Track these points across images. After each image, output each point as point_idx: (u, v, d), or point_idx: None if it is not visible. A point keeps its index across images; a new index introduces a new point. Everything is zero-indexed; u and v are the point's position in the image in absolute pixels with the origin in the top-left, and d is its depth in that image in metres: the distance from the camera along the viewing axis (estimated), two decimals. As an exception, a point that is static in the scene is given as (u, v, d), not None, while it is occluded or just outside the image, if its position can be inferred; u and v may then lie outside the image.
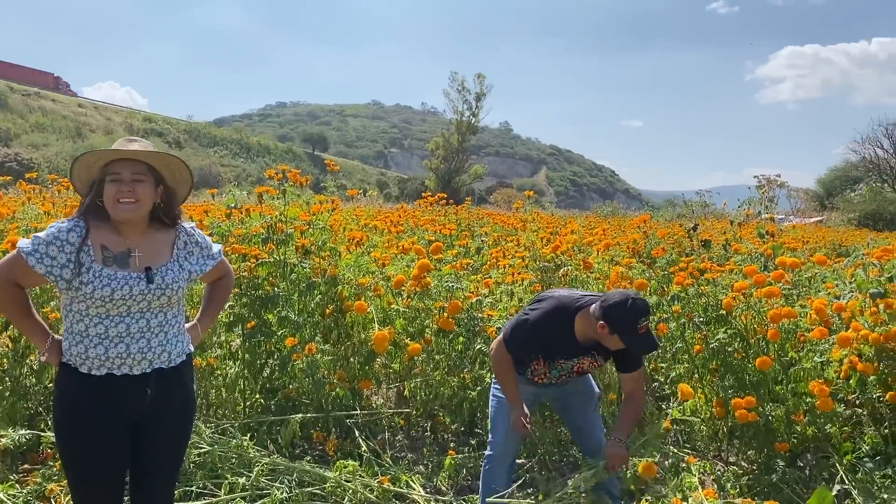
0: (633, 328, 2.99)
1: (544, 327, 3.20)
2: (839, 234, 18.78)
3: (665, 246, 5.26)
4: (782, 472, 4.06)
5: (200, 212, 5.45)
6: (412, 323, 4.54)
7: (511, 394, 3.32)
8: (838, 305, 4.54)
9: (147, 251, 2.26)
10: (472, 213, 10.97)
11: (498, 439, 3.42)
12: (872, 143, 46.95)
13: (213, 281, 2.64)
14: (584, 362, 3.35)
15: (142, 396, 2.25)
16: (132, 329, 2.20)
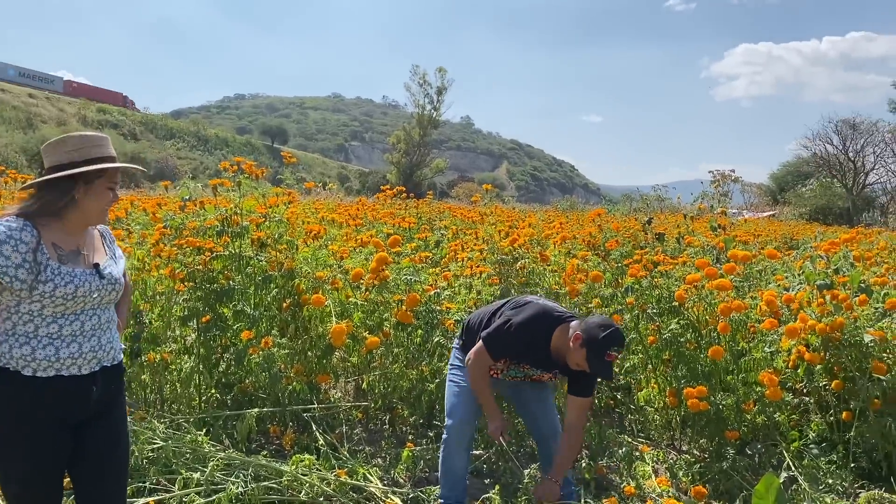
0: (602, 351, 3.04)
1: (526, 331, 3.23)
2: (790, 227, 19.25)
3: (619, 239, 5.34)
4: (732, 460, 4.16)
5: (153, 204, 5.35)
6: (370, 316, 4.53)
7: (489, 404, 3.37)
8: (787, 297, 4.66)
9: (90, 249, 2.28)
10: (433, 207, 10.98)
11: (453, 424, 3.46)
12: (823, 140, 48.14)
13: None
14: (545, 376, 3.42)
15: (88, 396, 2.22)
16: (86, 327, 2.19)
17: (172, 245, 4.27)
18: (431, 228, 6.73)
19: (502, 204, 17.64)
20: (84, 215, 2.22)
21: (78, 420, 2.24)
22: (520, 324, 3.24)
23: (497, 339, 3.28)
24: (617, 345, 3.07)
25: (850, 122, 47.16)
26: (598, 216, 5.87)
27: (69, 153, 2.18)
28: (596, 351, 3.06)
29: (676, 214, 12.05)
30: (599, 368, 3.10)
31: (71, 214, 2.20)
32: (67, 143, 2.20)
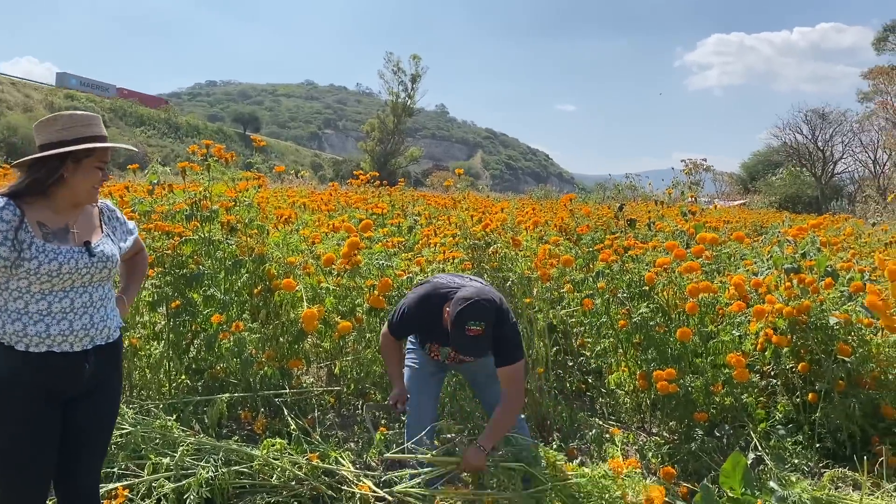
0: (462, 323, 3.00)
1: (416, 312, 3.28)
2: (760, 216, 19.51)
3: (590, 223, 5.38)
4: (701, 441, 4.22)
5: (121, 188, 5.28)
6: (343, 301, 4.52)
7: (391, 372, 3.49)
8: (756, 281, 4.73)
9: (82, 227, 2.29)
10: (407, 194, 10.96)
11: (413, 408, 3.49)
12: (793, 129, 48.80)
13: (130, 257, 2.64)
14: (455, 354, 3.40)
15: (80, 373, 2.24)
16: (76, 304, 2.21)
17: (140, 229, 4.21)
18: (404, 214, 6.72)
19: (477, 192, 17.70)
20: (72, 193, 2.23)
21: (69, 396, 2.26)
22: (410, 304, 3.31)
23: (396, 318, 3.36)
24: (475, 319, 2.99)
25: (819, 112, 47.87)
26: (570, 201, 5.91)
27: (59, 132, 2.20)
28: (456, 322, 3.02)
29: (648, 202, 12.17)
30: (460, 344, 3.07)
31: (59, 193, 2.22)
32: (58, 122, 2.22)
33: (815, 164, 47.69)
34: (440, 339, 3.38)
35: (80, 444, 2.34)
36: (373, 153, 56.24)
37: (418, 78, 54.90)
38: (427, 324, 3.30)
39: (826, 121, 47.76)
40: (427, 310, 3.26)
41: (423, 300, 3.29)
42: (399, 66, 54.49)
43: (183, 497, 3.12)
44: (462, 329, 3.02)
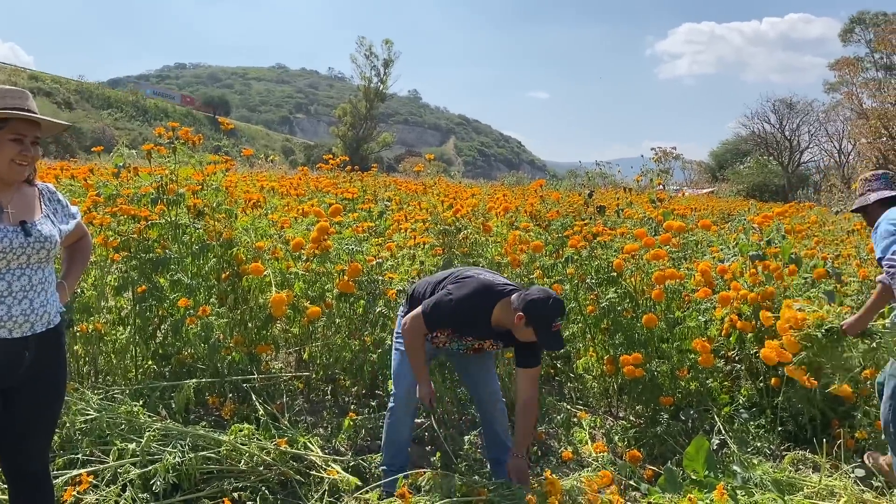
0: (548, 324, 3.09)
1: (467, 306, 3.23)
2: (728, 203, 19.78)
3: (560, 210, 5.41)
4: (666, 425, 4.29)
5: (85, 171, 5.18)
6: (312, 286, 4.50)
7: (419, 369, 3.35)
8: (721, 268, 4.80)
9: (18, 207, 2.21)
10: (378, 180, 10.91)
11: (401, 392, 3.47)
12: (761, 119, 49.46)
13: (73, 242, 2.56)
14: (486, 343, 3.44)
15: (20, 361, 2.17)
16: (14, 287, 2.13)
17: (105, 213, 4.15)
18: (375, 200, 6.69)
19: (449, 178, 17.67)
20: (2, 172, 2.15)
21: (7, 385, 2.19)
22: (460, 299, 3.24)
23: (436, 312, 3.27)
24: (559, 315, 3.12)
25: (786, 102, 48.57)
26: (541, 187, 5.94)
27: None
28: (543, 326, 3.10)
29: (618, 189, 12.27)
30: (550, 342, 3.17)
31: None
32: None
33: (782, 154, 48.41)
34: (477, 334, 3.38)
35: (23, 433, 2.29)
36: (345, 138, 55.84)
37: (391, 63, 54.60)
38: (471, 319, 3.28)
39: (793, 111, 48.50)
40: (480, 302, 3.24)
41: (476, 294, 3.25)
42: (371, 50, 54.12)
43: (149, 483, 3.09)
44: (549, 327, 3.11)
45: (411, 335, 3.34)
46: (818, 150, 49.09)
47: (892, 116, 32.30)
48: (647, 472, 3.82)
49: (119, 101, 75.76)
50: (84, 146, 38.82)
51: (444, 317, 3.28)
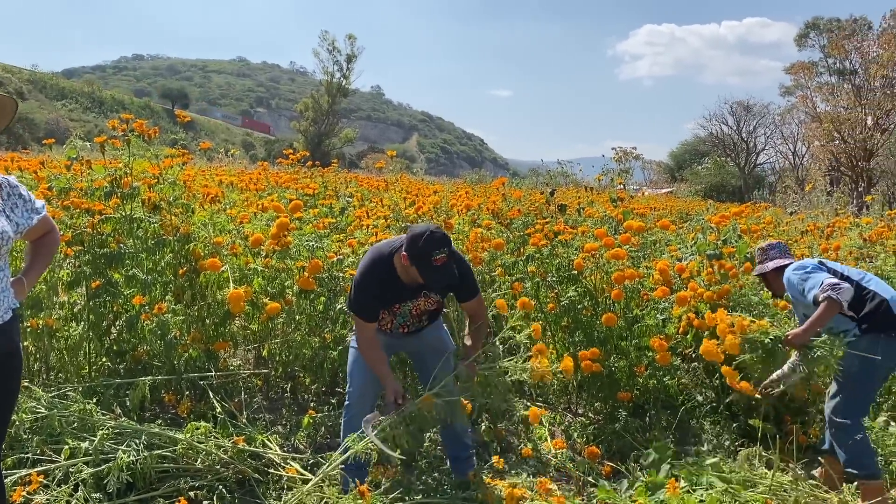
0: (428, 258, 3.05)
1: (370, 276, 3.24)
2: (686, 203, 20.11)
3: (521, 208, 5.44)
4: (625, 422, 4.35)
5: (36, 164, 5.04)
6: (271, 283, 4.45)
7: (382, 372, 3.31)
8: (679, 267, 4.87)
9: None
10: (340, 176, 10.84)
11: (355, 390, 3.45)
12: (718, 120, 50.30)
13: (37, 238, 2.50)
14: (420, 302, 3.40)
15: None
16: None
17: (58, 207, 4.04)
18: (337, 196, 6.65)
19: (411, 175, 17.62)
20: None
21: None
22: (362, 273, 3.27)
23: (354, 298, 3.30)
24: (438, 247, 3.05)
25: (743, 104, 49.48)
26: (503, 185, 5.96)
27: None
28: (422, 262, 3.07)
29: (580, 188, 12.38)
30: (434, 277, 3.11)
31: None
32: None
33: (739, 155, 49.36)
34: (400, 297, 3.34)
35: None
36: (306, 133, 55.28)
37: (354, 58, 54.18)
38: (384, 283, 3.25)
39: (750, 113, 49.44)
40: (379, 267, 3.24)
41: (371, 262, 3.27)
42: (334, 45, 53.64)
43: (102, 482, 3.03)
44: (429, 261, 3.05)
45: (359, 338, 3.35)
46: (774, 151, 50.19)
47: (843, 120, 33.15)
48: (606, 469, 3.87)
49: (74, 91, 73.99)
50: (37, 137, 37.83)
51: (360, 297, 3.27)
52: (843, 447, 3.61)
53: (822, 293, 3.47)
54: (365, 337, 3.31)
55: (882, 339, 3.56)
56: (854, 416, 3.63)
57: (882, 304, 3.60)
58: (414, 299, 3.37)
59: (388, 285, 3.26)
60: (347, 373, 3.55)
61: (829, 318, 3.50)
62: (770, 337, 3.53)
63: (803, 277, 3.70)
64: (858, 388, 3.63)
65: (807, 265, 3.80)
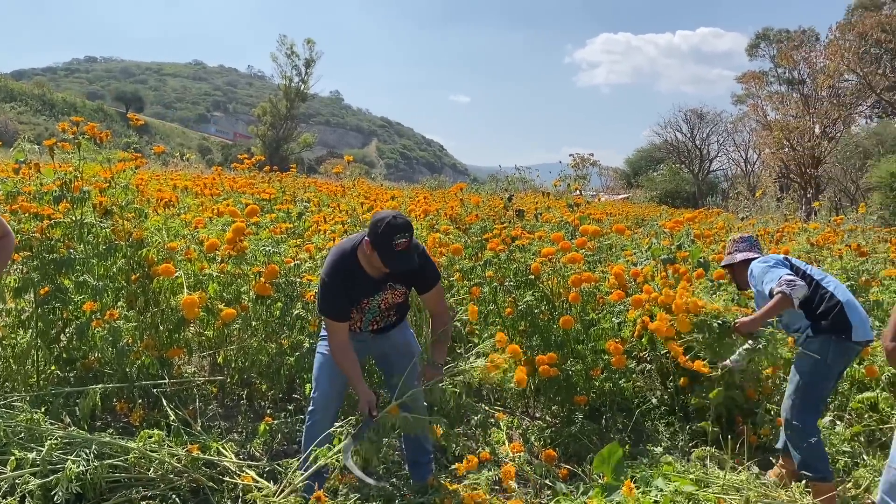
0: (389, 243, 3.07)
1: (336, 277, 3.24)
2: (642, 209, 20.44)
3: (479, 213, 5.47)
4: (581, 424, 4.39)
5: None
6: (227, 289, 4.39)
7: (355, 380, 3.30)
8: (634, 271, 4.95)
9: None
10: (298, 181, 10.75)
11: (320, 396, 3.44)
12: (673, 128, 51.36)
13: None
14: (388, 295, 3.41)
15: None
16: None
17: (5, 211, 3.93)
18: (294, 201, 6.60)
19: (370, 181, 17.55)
20: None
21: None
22: (327, 272, 3.27)
23: (325, 302, 3.28)
24: (399, 232, 3.07)
25: (697, 112, 50.59)
26: (461, 190, 5.99)
27: None
28: (382, 246, 3.09)
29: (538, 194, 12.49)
30: (395, 263, 3.13)
31: None
32: None
33: (693, 162, 50.38)
34: (367, 291, 3.34)
35: None
36: (264, 138, 54.67)
37: (312, 63, 53.81)
38: (349, 279, 3.25)
39: (703, 121, 50.54)
40: (343, 263, 3.25)
41: (335, 259, 3.27)
42: (293, 49, 53.19)
43: (50, 493, 2.95)
44: (390, 246, 3.06)
45: (332, 343, 3.34)
46: (726, 159, 51.39)
47: (793, 128, 34.01)
48: (563, 472, 3.90)
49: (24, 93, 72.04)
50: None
51: (328, 297, 3.27)
52: (798, 449, 3.70)
53: (777, 287, 3.60)
54: (337, 341, 3.30)
55: (833, 342, 3.67)
56: (808, 418, 3.73)
57: (837, 305, 3.71)
58: (381, 292, 3.38)
59: (354, 280, 3.27)
60: (313, 377, 3.52)
61: (778, 312, 3.61)
62: (719, 321, 3.63)
63: (764, 270, 3.83)
64: (810, 389, 3.73)
65: (771, 259, 3.93)
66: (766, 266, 3.85)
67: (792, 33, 39.80)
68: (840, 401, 4.68)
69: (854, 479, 3.96)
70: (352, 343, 3.42)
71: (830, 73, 29.21)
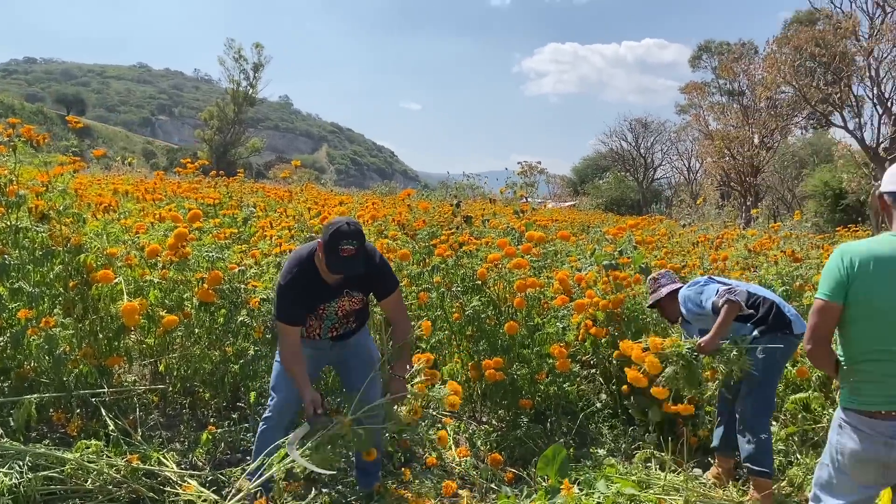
0: (335, 249, 3.11)
1: (291, 282, 3.27)
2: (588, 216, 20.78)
3: (426, 219, 5.50)
4: (527, 428, 4.45)
5: None
6: (169, 295, 4.31)
7: (299, 380, 3.29)
8: (578, 276, 5.04)
9: None
10: (245, 186, 10.62)
11: (278, 401, 3.44)
12: (619, 137, 52.31)
13: None
14: (344, 301, 3.43)
15: None
16: None
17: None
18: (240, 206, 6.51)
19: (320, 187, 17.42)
20: None
21: None
22: (282, 276, 3.32)
23: (280, 307, 3.31)
24: (346, 237, 3.12)
25: (642, 122, 51.66)
26: (409, 196, 6.00)
27: None
28: (330, 253, 3.14)
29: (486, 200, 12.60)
30: (339, 267, 3.17)
31: None
32: None
33: (638, 170, 51.39)
34: (323, 296, 3.35)
35: None
36: (211, 142, 53.72)
37: (261, 67, 53.12)
38: (306, 284, 3.28)
39: (648, 130, 51.62)
40: (300, 269, 3.28)
41: (291, 265, 3.31)
42: (241, 53, 52.42)
43: (-19, 508, 2.85)
44: (337, 251, 3.10)
45: (281, 345, 3.36)
46: (670, 167, 52.55)
47: (733, 138, 34.98)
48: (508, 475, 3.94)
49: (-44, 95, 69.29)
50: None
51: (282, 301, 3.30)
52: (750, 444, 3.84)
53: (720, 298, 3.73)
54: (288, 344, 3.31)
55: (779, 338, 3.84)
56: (764, 415, 3.91)
57: (772, 306, 3.92)
58: (337, 298, 3.39)
59: (310, 286, 3.29)
60: (272, 384, 3.53)
61: (731, 321, 3.75)
62: (686, 347, 3.72)
63: (698, 291, 3.98)
64: (765, 387, 3.89)
65: (699, 280, 4.11)
66: (697, 287, 4.02)
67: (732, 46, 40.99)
68: (776, 402, 4.83)
69: (788, 478, 4.09)
70: (310, 351, 3.45)
71: (768, 85, 30.13)
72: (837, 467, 2.47)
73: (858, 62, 26.85)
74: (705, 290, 3.95)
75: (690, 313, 4.06)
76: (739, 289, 3.79)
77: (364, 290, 3.46)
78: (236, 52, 52.23)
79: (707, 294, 3.90)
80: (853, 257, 2.36)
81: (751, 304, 3.91)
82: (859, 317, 2.37)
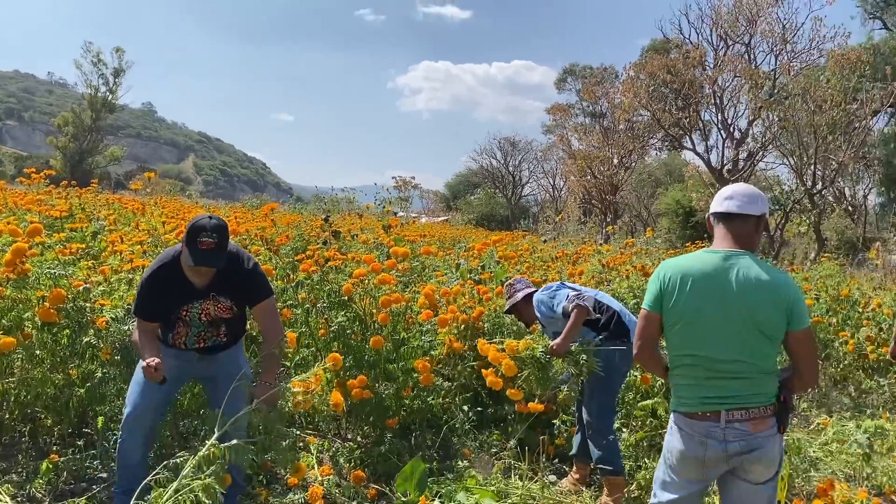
0: (194, 241, 3.11)
1: (153, 279, 3.27)
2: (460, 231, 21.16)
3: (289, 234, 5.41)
4: (390, 444, 4.44)
5: None
6: (6, 315, 3.99)
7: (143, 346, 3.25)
8: (444, 291, 5.12)
9: None
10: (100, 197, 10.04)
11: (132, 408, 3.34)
12: (489, 154, 53.70)
13: None
14: (209, 305, 3.37)
15: None
16: None
17: None
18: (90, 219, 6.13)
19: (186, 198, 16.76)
20: None
21: None
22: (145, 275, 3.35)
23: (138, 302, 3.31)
24: (205, 230, 3.13)
25: (510, 140, 53.34)
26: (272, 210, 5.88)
27: None
28: (190, 244, 3.14)
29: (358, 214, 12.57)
30: (197, 258, 3.14)
31: None
32: None
33: (507, 187, 52.95)
34: (186, 297, 3.30)
35: None
36: (66, 150, 50.32)
37: (122, 72, 50.45)
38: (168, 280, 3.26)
39: (516, 148, 53.33)
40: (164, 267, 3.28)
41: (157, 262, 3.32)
42: (100, 57, 49.56)
43: None
44: (196, 243, 3.09)
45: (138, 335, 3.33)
46: (536, 185, 54.51)
47: (594, 158, 36.74)
48: (371, 492, 3.93)
49: None
50: None
51: (140, 297, 3.30)
52: (598, 447, 4.06)
53: (570, 303, 3.99)
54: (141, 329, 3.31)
55: (618, 345, 4.08)
56: (607, 418, 4.14)
57: (614, 315, 4.20)
58: (201, 300, 3.33)
59: (172, 284, 3.27)
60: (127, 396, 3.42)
61: (580, 324, 3.98)
62: (540, 350, 3.88)
63: (551, 295, 4.23)
64: (607, 391, 4.15)
65: (552, 286, 4.37)
66: (550, 292, 4.27)
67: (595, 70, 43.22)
68: (626, 409, 5.10)
69: (637, 481, 4.33)
70: (174, 361, 3.37)
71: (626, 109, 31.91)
72: (669, 465, 2.70)
73: (705, 90, 29.02)
74: (557, 294, 4.20)
75: (544, 316, 4.30)
76: (587, 294, 4.10)
77: (233, 296, 3.41)
78: (95, 56, 49.38)
79: (559, 299, 4.15)
80: (667, 272, 2.63)
81: (597, 310, 4.18)
82: (673, 325, 2.62)
